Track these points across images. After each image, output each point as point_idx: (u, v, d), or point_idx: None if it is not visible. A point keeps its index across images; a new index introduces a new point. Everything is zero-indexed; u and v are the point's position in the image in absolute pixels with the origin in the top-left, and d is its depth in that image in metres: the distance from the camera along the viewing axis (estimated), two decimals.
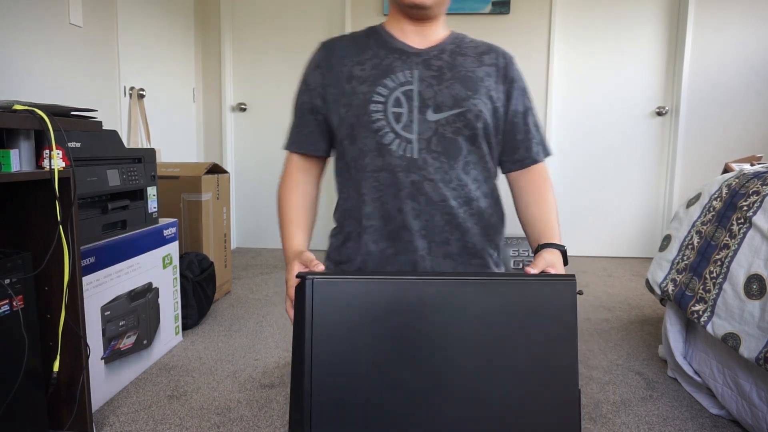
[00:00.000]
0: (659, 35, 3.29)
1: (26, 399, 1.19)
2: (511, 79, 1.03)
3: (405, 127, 0.94)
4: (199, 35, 3.43)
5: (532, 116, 1.06)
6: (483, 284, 0.69)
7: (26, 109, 1.08)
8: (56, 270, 1.22)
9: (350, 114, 0.97)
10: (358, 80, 0.97)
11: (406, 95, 0.95)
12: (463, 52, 1.01)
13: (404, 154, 0.94)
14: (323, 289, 0.69)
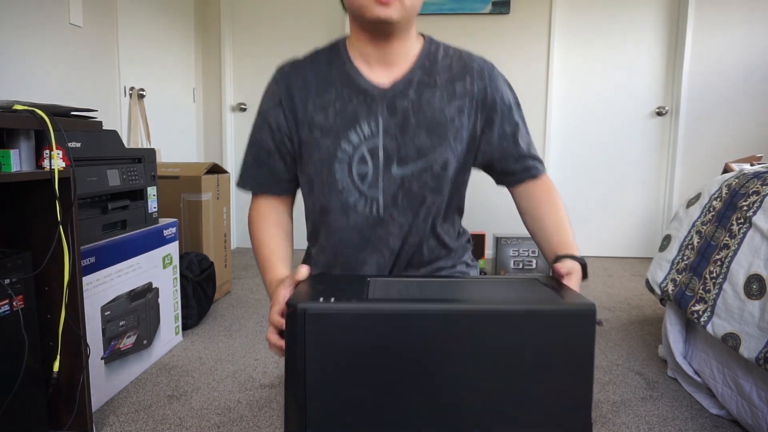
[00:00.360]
0: (659, 35, 3.30)
1: (26, 399, 1.19)
2: (491, 104, 0.93)
3: (370, 186, 0.91)
4: (199, 35, 3.43)
5: (522, 135, 0.97)
6: (493, 317, 0.63)
7: (26, 109, 1.08)
8: (56, 270, 1.22)
9: (312, 166, 0.92)
10: (321, 131, 0.90)
11: (371, 152, 0.89)
12: (433, 82, 0.91)
13: (370, 212, 0.91)
14: (317, 321, 0.62)
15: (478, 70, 0.93)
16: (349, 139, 0.89)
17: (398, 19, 0.83)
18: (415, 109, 0.89)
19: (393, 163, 0.90)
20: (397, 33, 0.88)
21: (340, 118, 0.89)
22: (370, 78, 0.90)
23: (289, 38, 3.46)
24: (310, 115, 0.91)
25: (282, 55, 3.47)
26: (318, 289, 0.70)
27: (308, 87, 0.92)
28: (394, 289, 0.72)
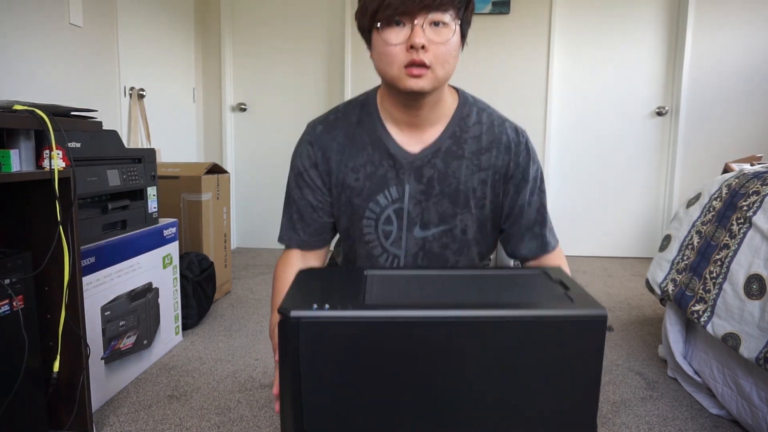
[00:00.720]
0: (659, 35, 3.30)
1: (26, 399, 1.19)
2: (512, 177, 0.96)
3: (393, 243, 0.96)
4: (199, 35, 3.43)
5: (540, 208, 0.99)
6: (497, 324, 0.59)
7: (26, 109, 1.08)
8: (56, 270, 1.22)
9: (344, 220, 0.99)
10: (353, 191, 0.95)
11: (396, 213, 0.95)
12: (460, 153, 0.93)
13: (391, 266, 0.97)
14: (311, 329, 0.59)
15: (506, 143, 0.95)
16: (378, 201, 0.95)
17: (430, 89, 0.85)
18: (441, 179, 0.93)
19: (415, 226, 0.95)
20: (429, 100, 0.89)
21: (370, 181, 0.94)
22: (400, 142, 0.94)
23: (289, 38, 3.46)
24: (342, 177, 0.96)
25: (282, 56, 3.47)
26: (312, 291, 0.67)
27: (341, 150, 0.96)
28: (392, 289, 0.69)
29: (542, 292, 0.68)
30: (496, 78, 3.36)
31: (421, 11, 0.80)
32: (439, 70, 0.84)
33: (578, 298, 0.63)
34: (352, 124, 0.96)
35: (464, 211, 0.95)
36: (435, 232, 0.96)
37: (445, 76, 0.86)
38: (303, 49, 3.45)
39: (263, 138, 3.56)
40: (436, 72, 0.84)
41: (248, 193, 3.63)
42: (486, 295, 0.66)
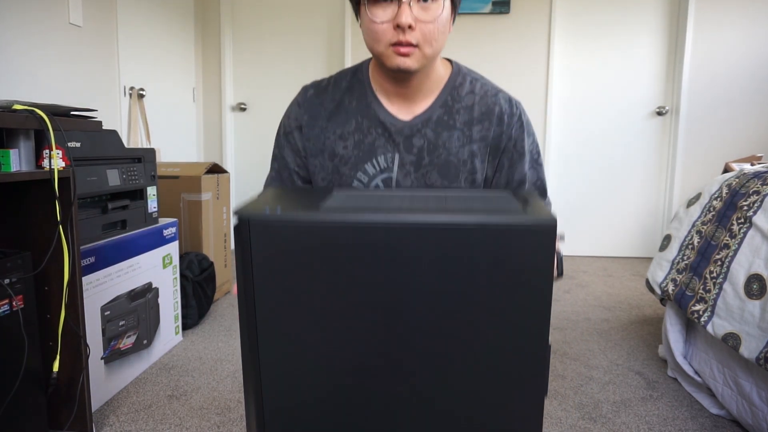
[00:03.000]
0: (659, 35, 3.29)
1: (26, 399, 1.19)
2: (503, 149, 0.93)
3: None
4: (199, 35, 3.43)
5: (537, 182, 0.98)
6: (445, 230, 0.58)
7: (26, 109, 1.08)
8: (56, 270, 1.22)
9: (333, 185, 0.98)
10: (340, 160, 0.93)
11: (384, 183, 0.93)
12: (452, 123, 0.91)
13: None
14: (261, 232, 0.59)
15: (498, 114, 0.91)
16: (365, 170, 0.92)
17: (418, 68, 0.84)
18: (430, 149, 0.91)
19: None
20: (419, 74, 0.87)
21: (358, 150, 0.92)
22: (391, 110, 0.92)
23: (289, 38, 3.46)
24: (330, 144, 0.93)
25: (282, 55, 3.47)
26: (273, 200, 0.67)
27: (329, 116, 0.94)
28: (353, 201, 0.69)
29: (501, 205, 0.67)
30: (496, 78, 3.36)
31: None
32: (426, 48, 0.82)
33: (532, 209, 0.64)
34: (342, 90, 0.95)
35: (454, 183, 0.92)
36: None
37: (433, 54, 0.84)
38: (303, 49, 3.45)
39: (263, 138, 3.56)
40: (424, 50, 0.82)
41: (248, 193, 3.63)
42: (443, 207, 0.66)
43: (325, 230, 0.59)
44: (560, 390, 1.62)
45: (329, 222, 0.59)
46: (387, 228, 0.59)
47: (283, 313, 0.61)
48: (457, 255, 0.59)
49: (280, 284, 0.60)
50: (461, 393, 0.63)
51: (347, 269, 0.60)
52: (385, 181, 0.92)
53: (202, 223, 2.33)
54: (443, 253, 0.59)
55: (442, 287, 0.60)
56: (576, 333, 2.10)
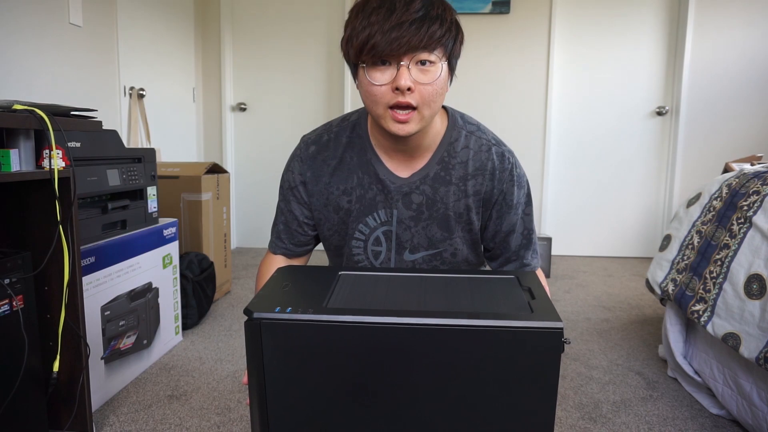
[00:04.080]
0: (659, 35, 3.29)
1: (26, 399, 1.19)
2: (494, 202, 0.97)
3: (383, 263, 0.98)
4: (199, 35, 3.43)
5: (524, 232, 1.01)
6: (453, 332, 0.60)
7: (26, 109, 1.08)
8: (56, 270, 1.22)
9: (334, 239, 1.01)
10: (344, 212, 0.97)
11: (385, 235, 0.96)
12: (448, 178, 0.94)
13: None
14: (272, 331, 0.62)
15: (491, 169, 0.95)
16: (367, 223, 0.96)
17: (417, 130, 0.85)
18: (429, 204, 0.95)
19: (405, 250, 0.97)
20: (416, 134, 0.88)
21: (360, 204, 0.96)
22: (390, 167, 0.95)
23: (289, 38, 3.46)
24: (334, 200, 0.98)
25: (282, 55, 3.47)
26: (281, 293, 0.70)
27: (332, 173, 0.98)
28: (359, 291, 0.71)
29: (507, 299, 0.69)
30: (496, 78, 3.36)
31: (408, 53, 0.79)
32: (425, 110, 0.83)
33: (539, 308, 0.65)
34: (342, 146, 0.97)
35: (452, 236, 0.96)
36: (425, 255, 0.97)
37: (431, 115, 0.85)
38: (303, 49, 3.45)
39: (263, 138, 3.56)
40: (422, 112, 0.83)
41: (248, 193, 3.63)
42: (450, 301, 0.68)
43: (331, 330, 0.62)
44: (560, 390, 1.62)
45: (335, 322, 0.62)
46: (392, 329, 0.61)
47: (293, 404, 0.64)
48: (464, 355, 0.61)
49: (290, 377, 0.63)
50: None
51: (354, 366, 0.62)
52: (385, 234, 0.97)
53: (202, 223, 2.33)
54: (450, 353, 0.61)
55: (447, 387, 0.61)
56: (576, 333, 2.10)
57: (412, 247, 0.97)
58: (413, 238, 0.96)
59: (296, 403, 0.64)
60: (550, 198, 3.48)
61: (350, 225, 0.98)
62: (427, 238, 0.96)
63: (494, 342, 0.60)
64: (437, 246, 0.97)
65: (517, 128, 3.39)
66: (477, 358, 0.60)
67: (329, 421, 0.64)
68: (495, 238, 1.00)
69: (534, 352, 0.60)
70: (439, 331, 0.60)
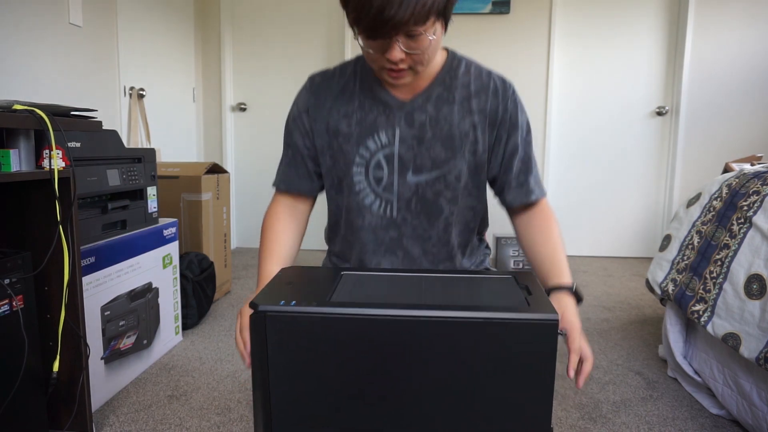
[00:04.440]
0: (659, 35, 3.29)
1: (26, 399, 1.19)
2: (500, 122, 0.96)
3: (385, 188, 0.96)
4: (199, 35, 3.43)
5: (520, 159, 0.99)
6: (452, 325, 0.62)
7: (26, 109, 1.08)
8: (56, 270, 1.22)
9: (335, 169, 0.99)
10: (344, 137, 0.96)
11: (386, 158, 0.95)
12: (451, 98, 0.94)
13: (384, 213, 0.97)
14: (277, 324, 0.64)
15: (493, 89, 0.95)
16: (367, 146, 0.95)
17: (412, 81, 0.89)
18: (432, 123, 0.93)
19: (408, 171, 0.95)
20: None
21: (360, 126, 0.95)
22: (392, 91, 0.95)
23: (289, 38, 3.46)
24: (334, 124, 0.97)
25: (282, 55, 3.47)
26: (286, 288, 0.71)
27: (335, 98, 0.97)
28: (362, 288, 0.73)
29: (505, 295, 0.71)
30: None
31: (396, 30, 0.78)
32: (419, 68, 0.86)
33: (535, 302, 0.67)
34: (347, 75, 0.99)
35: (458, 155, 0.94)
36: (428, 177, 0.95)
37: (426, 67, 0.88)
38: (303, 49, 3.45)
39: (263, 138, 3.56)
40: (416, 70, 0.86)
41: (248, 193, 3.63)
42: (449, 298, 0.70)
43: (334, 323, 0.63)
44: (560, 390, 1.62)
45: (339, 315, 0.63)
46: (394, 322, 0.63)
47: (296, 397, 0.65)
48: (464, 348, 0.63)
49: (293, 370, 0.65)
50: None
51: (356, 358, 0.64)
52: (386, 157, 0.95)
53: (202, 223, 2.33)
54: (449, 346, 0.63)
55: (447, 379, 0.63)
56: None
57: (416, 168, 0.94)
58: (416, 158, 0.94)
59: (299, 396, 0.65)
60: (550, 198, 3.48)
61: (350, 150, 0.95)
62: (431, 158, 0.94)
63: (492, 334, 0.62)
64: (441, 167, 0.94)
65: None
66: (476, 350, 0.62)
67: (331, 412, 0.65)
68: (501, 161, 0.98)
69: (530, 344, 0.62)
70: (439, 323, 0.62)
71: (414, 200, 0.96)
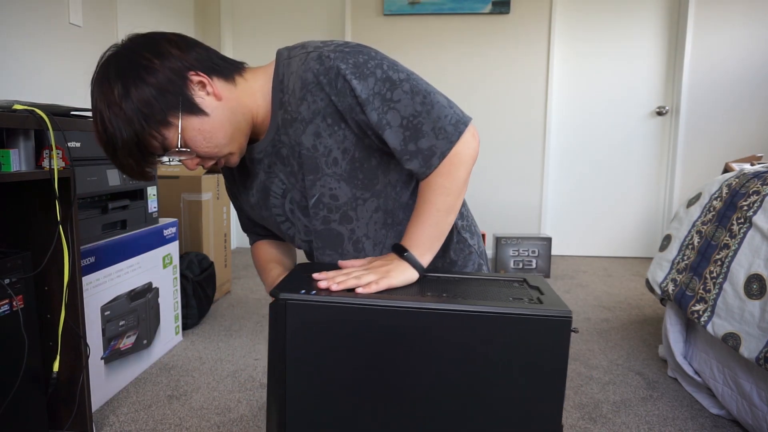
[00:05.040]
0: (659, 35, 3.29)
1: (26, 399, 1.19)
2: (346, 110, 0.79)
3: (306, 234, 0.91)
4: (200, 35, 3.43)
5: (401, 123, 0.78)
6: (473, 318, 0.63)
7: (26, 109, 1.08)
8: (56, 270, 1.22)
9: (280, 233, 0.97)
10: (257, 207, 0.94)
11: (292, 204, 0.89)
12: (290, 117, 0.82)
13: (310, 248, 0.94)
14: (297, 312, 0.65)
15: (313, 82, 0.78)
16: (274, 204, 0.91)
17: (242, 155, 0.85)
18: (292, 152, 0.84)
19: (306, 210, 0.88)
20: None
21: (259, 193, 0.92)
22: (256, 142, 0.88)
23: (288, 37, 3.46)
24: (245, 199, 0.96)
25: None
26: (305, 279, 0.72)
27: (237, 176, 0.97)
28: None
29: (519, 294, 0.71)
30: (496, 78, 3.36)
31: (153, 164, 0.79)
32: (225, 152, 0.80)
33: (548, 300, 0.68)
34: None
35: (319, 175, 0.83)
36: (312, 210, 0.86)
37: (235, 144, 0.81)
38: None
39: None
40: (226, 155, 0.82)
41: None
42: (464, 293, 0.71)
43: (354, 312, 0.64)
44: None
45: (359, 305, 0.65)
46: (413, 313, 0.64)
47: (312, 385, 0.66)
48: (479, 340, 0.64)
49: (311, 358, 0.65)
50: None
51: (373, 348, 0.65)
52: (291, 202, 0.89)
53: (202, 223, 2.33)
54: (466, 338, 0.64)
55: (462, 370, 0.64)
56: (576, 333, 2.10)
57: (305, 206, 0.87)
58: (303, 194, 0.86)
59: (315, 385, 0.66)
60: (550, 198, 3.48)
61: (269, 215, 0.93)
62: (306, 189, 0.84)
63: (507, 328, 0.63)
64: (314, 194, 0.84)
65: (517, 128, 3.39)
66: (490, 343, 0.63)
67: (347, 402, 0.66)
68: (384, 145, 0.80)
69: (543, 339, 0.63)
70: (457, 316, 0.63)
71: (315, 239, 0.89)
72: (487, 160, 3.40)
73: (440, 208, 0.80)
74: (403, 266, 0.77)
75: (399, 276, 0.75)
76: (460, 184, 0.80)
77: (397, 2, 3.28)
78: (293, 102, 0.81)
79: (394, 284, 0.73)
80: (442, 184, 0.79)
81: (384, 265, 0.77)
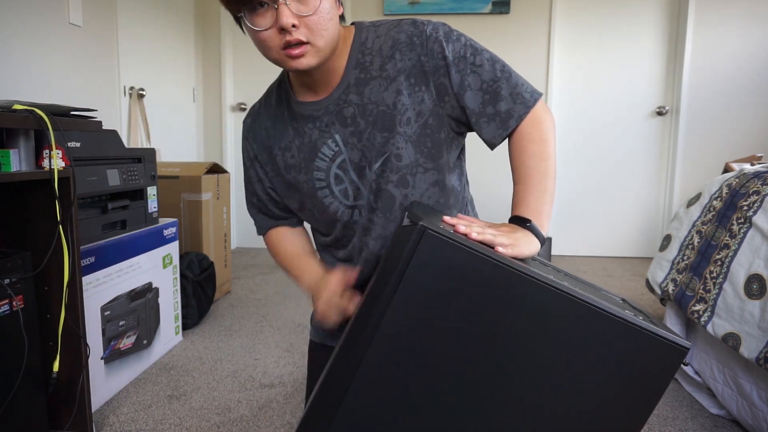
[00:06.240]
0: (659, 35, 3.29)
1: (26, 399, 1.19)
2: (432, 71, 0.84)
3: (355, 198, 0.91)
4: (199, 35, 3.43)
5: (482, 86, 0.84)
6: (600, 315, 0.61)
7: (26, 109, 1.08)
8: (56, 270, 1.22)
9: (306, 206, 0.96)
10: (295, 170, 0.92)
11: (341, 169, 0.89)
12: (368, 75, 0.86)
13: (350, 219, 0.93)
14: (435, 245, 0.59)
15: (405, 41, 0.84)
16: (318, 167, 0.91)
17: (317, 63, 0.81)
18: (361, 112, 0.86)
19: (365, 170, 0.89)
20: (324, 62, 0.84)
21: (302, 152, 0.91)
22: (311, 97, 0.90)
23: None
24: (281, 161, 0.94)
25: None
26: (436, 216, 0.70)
27: (269, 135, 0.95)
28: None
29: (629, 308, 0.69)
30: None
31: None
32: (318, 41, 0.79)
33: (662, 326, 0.66)
34: (272, 106, 0.96)
35: (393, 134, 0.85)
36: (378, 168, 0.87)
37: (326, 45, 0.80)
38: None
39: None
40: (316, 45, 0.79)
41: None
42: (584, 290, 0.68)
43: (485, 267, 0.60)
44: None
45: (499, 262, 0.60)
46: (544, 289, 0.60)
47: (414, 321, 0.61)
48: (596, 338, 0.61)
49: (421, 297, 0.60)
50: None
51: (493, 311, 0.61)
52: (340, 166, 0.89)
53: (202, 223, 2.33)
54: (586, 331, 0.61)
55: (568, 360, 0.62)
56: None
57: (369, 163, 0.87)
58: (364, 154, 0.87)
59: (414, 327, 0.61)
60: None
61: (306, 180, 0.91)
62: (374, 147, 0.86)
63: (630, 337, 0.61)
64: (384, 152, 0.86)
65: None
66: (608, 345, 0.61)
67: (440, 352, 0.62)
68: (461, 109, 0.85)
69: (657, 359, 0.61)
70: (591, 310, 0.60)
71: (371, 198, 0.89)
72: (487, 160, 3.40)
73: (543, 172, 0.82)
74: (529, 237, 0.74)
75: (527, 246, 0.72)
76: (550, 148, 0.83)
77: (397, 2, 3.28)
78: (376, 61, 0.85)
79: (524, 254, 0.70)
80: (535, 150, 0.83)
81: (512, 231, 0.73)
